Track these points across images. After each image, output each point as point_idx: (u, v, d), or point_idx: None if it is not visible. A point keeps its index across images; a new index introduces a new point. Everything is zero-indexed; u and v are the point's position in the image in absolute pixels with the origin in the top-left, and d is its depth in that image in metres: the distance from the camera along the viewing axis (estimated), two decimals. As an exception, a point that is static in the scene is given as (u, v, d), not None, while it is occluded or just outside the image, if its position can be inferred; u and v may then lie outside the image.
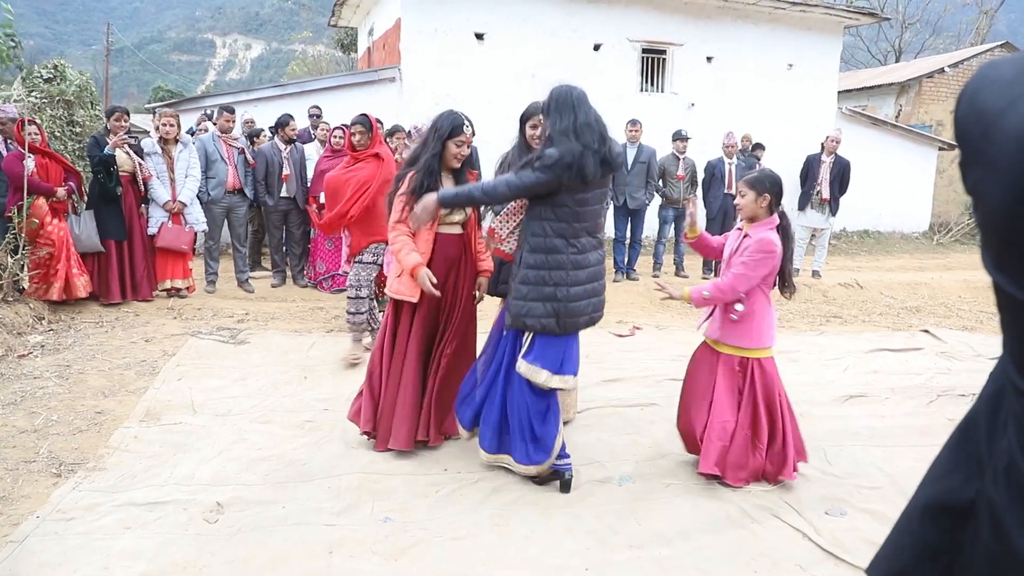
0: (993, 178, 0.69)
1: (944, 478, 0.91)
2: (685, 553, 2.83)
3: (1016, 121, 0.67)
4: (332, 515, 3.01)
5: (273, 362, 5.13)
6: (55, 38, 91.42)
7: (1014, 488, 0.73)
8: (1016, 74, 0.70)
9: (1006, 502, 0.74)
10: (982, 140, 0.71)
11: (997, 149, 0.69)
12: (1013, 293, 0.70)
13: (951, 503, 0.87)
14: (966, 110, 0.75)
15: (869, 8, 17.48)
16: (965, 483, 0.85)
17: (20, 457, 3.41)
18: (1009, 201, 0.67)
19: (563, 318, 3.11)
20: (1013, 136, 0.67)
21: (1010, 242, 0.69)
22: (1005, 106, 0.69)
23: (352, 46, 20.69)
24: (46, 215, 5.92)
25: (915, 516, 0.95)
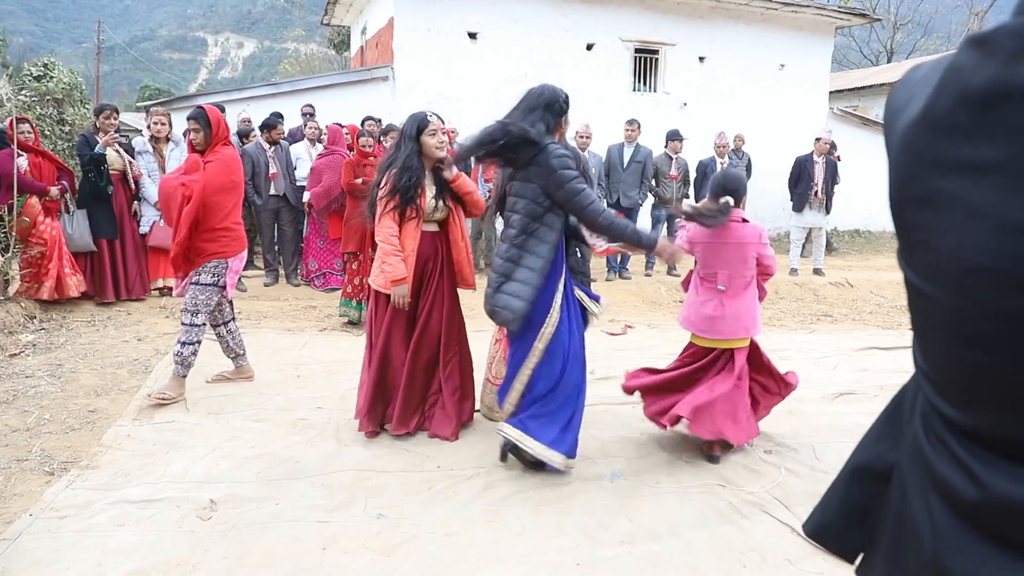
0: (889, 169, 0.76)
1: (873, 444, 0.99)
2: (675, 549, 2.86)
3: (903, 120, 0.73)
4: (325, 512, 3.03)
5: (266, 361, 5.13)
6: (45, 36, 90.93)
7: (915, 454, 0.81)
8: (924, 75, 0.74)
9: (909, 470, 0.82)
10: (888, 136, 0.78)
11: (891, 144, 0.76)
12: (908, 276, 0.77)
13: (875, 467, 0.95)
14: (887, 107, 0.81)
15: (861, 9, 17.55)
16: (889, 451, 0.92)
17: (13, 456, 3.41)
18: (893, 190, 0.75)
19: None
20: (898, 133, 0.73)
21: (899, 227, 0.77)
22: (903, 104, 0.75)
23: (345, 45, 20.67)
24: (39, 214, 5.91)
25: (844, 476, 1.03)
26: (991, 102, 0.63)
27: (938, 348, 0.76)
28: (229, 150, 4.22)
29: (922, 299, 0.75)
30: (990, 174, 0.62)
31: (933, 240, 0.70)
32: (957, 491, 0.73)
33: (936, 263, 0.70)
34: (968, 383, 0.72)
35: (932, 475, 0.77)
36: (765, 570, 2.75)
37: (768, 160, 11.30)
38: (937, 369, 0.77)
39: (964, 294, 0.67)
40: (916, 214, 0.72)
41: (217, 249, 4.12)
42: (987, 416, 0.70)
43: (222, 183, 4.09)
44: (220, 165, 4.09)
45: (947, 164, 0.67)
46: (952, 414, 0.75)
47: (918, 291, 0.75)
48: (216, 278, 4.19)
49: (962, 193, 0.65)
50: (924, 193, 0.70)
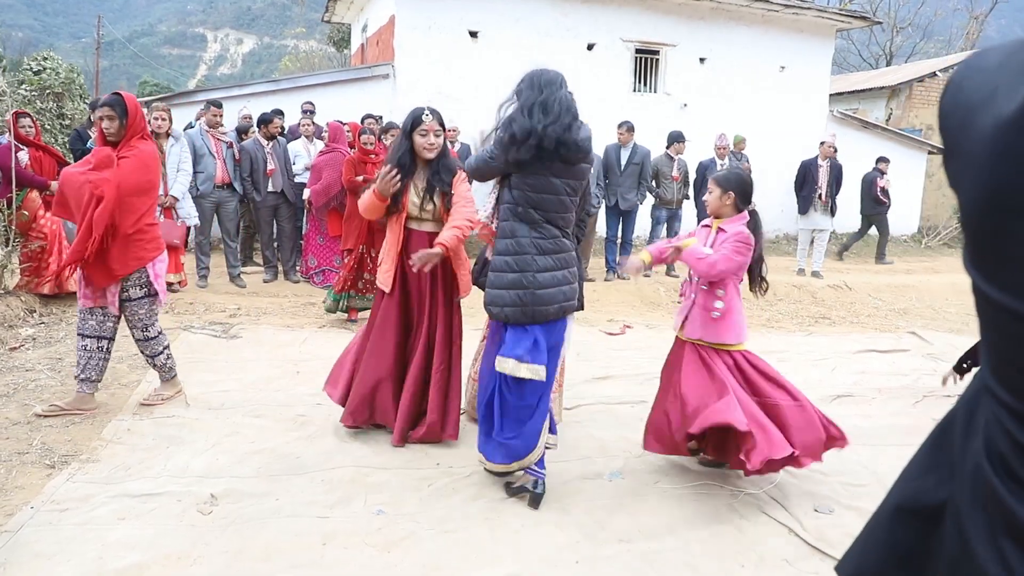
0: (969, 171, 0.67)
1: (918, 479, 0.88)
2: (673, 548, 2.88)
3: (992, 114, 0.64)
4: (325, 507, 3.04)
5: (265, 357, 5.15)
6: (44, 30, 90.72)
7: (978, 492, 0.72)
8: (999, 63, 0.67)
9: (968, 506, 0.73)
10: (960, 133, 0.69)
11: (973, 142, 0.66)
12: (987, 291, 0.68)
13: (923, 505, 0.85)
14: (949, 101, 0.72)
15: (861, 12, 17.58)
16: (938, 485, 0.82)
17: (14, 449, 3.42)
18: (982, 197, 0.65)
19: (530, 306, 2.97)
20: (988, 129, 0.64)
21: (983, 238, 0.67)
22: (984, 97, 0.66)
23: (345, 42, 20.66)
24: (39, 208, 5.91)
25: (886, 517, 0.92)
26: None
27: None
28: (146, 145, 3.76)
29: (1010, 320, 0.65)
30: None
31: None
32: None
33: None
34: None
35: (1005, 516, 0.67)
36: (763, 570, 2.76)
37: (768, 162, 11.33)
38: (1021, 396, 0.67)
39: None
40: (1017, 226, 0.62)
41: (134, 257, 3.75)
42: None
43: (138, 183, 3.67)
44: (136, 163, 3.65)
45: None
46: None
47: (1004, 310, 0.66)
48: (145, 288, 3.86)
49: None
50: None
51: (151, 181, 3.79)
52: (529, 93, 2.95)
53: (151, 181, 3.79)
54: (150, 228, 3.84)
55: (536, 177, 2.95)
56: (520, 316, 2.98)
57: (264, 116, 7.69)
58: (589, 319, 6.95)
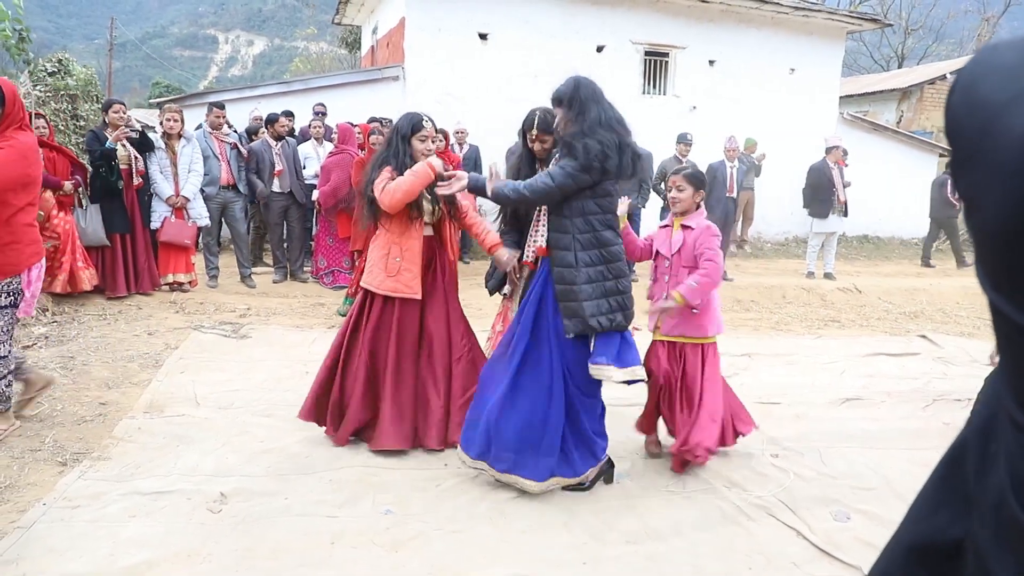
0: (994, 182, 0.59)
1: (930, 516, 0.82)
2: (680, 549, 2.88)
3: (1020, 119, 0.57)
4: (333, 507, 3.06)
5: (275, 356, 5.18)
6: (58, 32, 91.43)
7: (1003, 529, 0.65)
8: (1021, 60, 0.60)
9: (992, 544, 0.67)
10: (981, 137, 0.60)
11: (999, 148, 0.58)
12: (1012, 315, 0.61)
13: (937, 544, 0.79)
14: (961, 102, 0.65)
15: (872, 14, 17.52)
16: (952, 522, 0.76)
17: (26, 446, 3.45)
18: (1012, 209, 0.57)
19: (628, 310, 3.18)
20: (1021, 134, 0.56)
21: (1013, 256, 0.59)
22: (1010, 98, 0.58)
23: (356, 44, 20.73)
24: (52, 208, 5.97)
25: (900, 557, 0.86)
26: None
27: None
28: (25, 136, 3.35)
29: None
30: None
31: None
32: None
33: None
34: None
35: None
36: (770, 572, 2.76)
37: (777, 165, 11.31)
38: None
39: None
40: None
41: (6, 261, 3.32)
42: None
43: (15, 176, 3.26)
44: (13, 154, 3.25)
45: None
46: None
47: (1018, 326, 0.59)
48: (11, 297, 3.40)
49: None
50: None
51: (30, 175, 3.36)
52: (593, 107, 3.12)
53: (30, 175, 3.36)
54: (29, 229, 3.43)
55: (612, 184, 3.16)
56: (622, 321, 3.15)
57: (271, 116, 7.75)
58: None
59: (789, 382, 5.20)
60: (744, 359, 5.65)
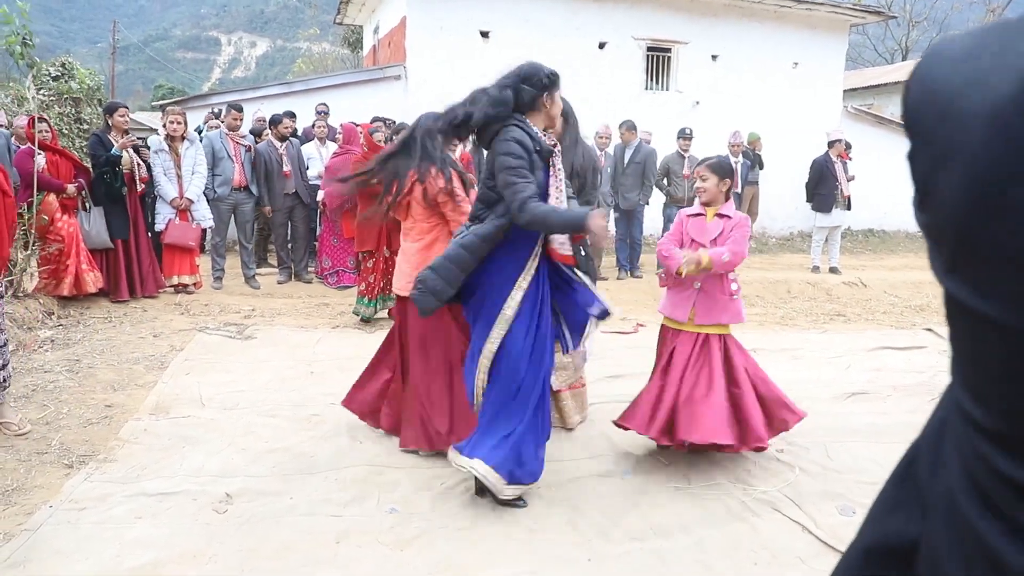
0: (952, 164, 0.59)
1: (886, 518, 0.83)
2: (686, 546, 2.87)
3: (982, 96, 0.57)
4: (339, 506, 3.07)
5: (280, 357, 5.19)
6: (61, 36, 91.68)
7: (953, 530, 0.65)
8: (974, 46, 0.61)
9: (945, 546, 0.66)
10: (938, 122, 0.61)
11: (957, 132, 0.59)
12: (966, 301, 0.61)
13: (893, 545, 0.78)
14: (918, 91, 0.65)
15: (876, 6, 17.46)
16: (908, 523, 0.76)
17: (33, 448, 3.47)
18: (973, 190, 0.57)
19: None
20: (981, 114, 0.57)
21: (967, 239, 0.59)
22: (967, 82, 0.59)
23: (358, 44, 20.74)
24: (56, 211, 5.99)
25: (857, 560, 0.86)
26: None
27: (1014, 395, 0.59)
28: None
29: (993, 331, 0.59)
30: None
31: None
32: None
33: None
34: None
35: (988, 558, 0.60)
36: (776, 568, 2.75)
37: (781, 159, 11.26)
38: (1007, 420, 0.60)
39: None
40: (1010, 227, 0.55)
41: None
42: None
43: None
44: None
45: None
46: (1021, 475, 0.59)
47: (988, 322, 0.59)
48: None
49: None
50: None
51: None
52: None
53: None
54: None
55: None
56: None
57: (274, 117, 7.77)
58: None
59: (794, 377, 5.17)
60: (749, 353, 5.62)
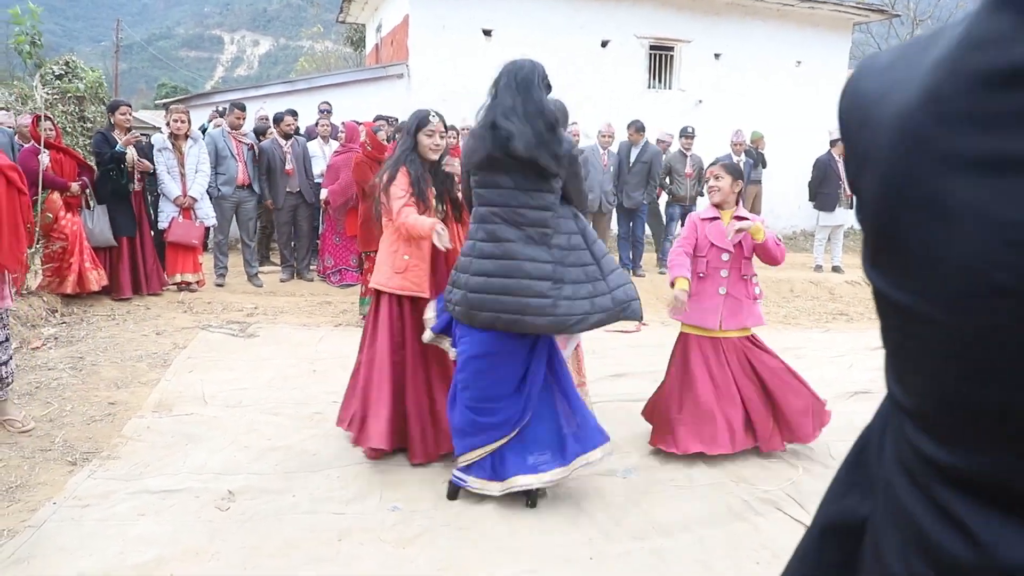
0: (870, 166, 0.65)
1: (840, 499, 0.87)
2: (687, 544, 2.88)
3: (892, 103, 0.63)
4: (341, 504, 3.07)
5: (282, 355, 5.20)
6: (65, 34, 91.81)
7: (889, 509, 0.69)
8: (893, 60, 0.66)
9: (883, 523, 0.70)
10: (860, 128, 0.67)
11: (873, 136, 0.64)
12: (884, 291, 0.65)
13: (847, 523, 0.83)
14: (847, 102, 0.71)
15: (879, 5, 17.40)
16: (860, 503, 0.80)
17: (36, 446, 3.48)
18: (880, 191, 0.63)
19: (464, 307, 2.97)
20: (887, 120, 0.62)
21: (881, 235, 0.64)
22: (882, 92, 0.65)
23: (361, 42, 20.74)
24: (60, 209, 6.00)
25: (815, 538, 0.90)
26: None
27: (929, 378, 0.63)
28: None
29: (909, 319, 0.63)
30: (1018, 171, 0.52)
31: (936, 252, 0.58)
32: (948, 553, 0.61)
33: (939, 279, 0.58)
34: (969, 419, 0.59)
35: (915, 532, 0.65)
36: (777, 567, 2.74)
37: (784, 158, 11.25)
38: (925, 402, 0.64)
39: (975, 316, 0.56)
40: (914, 220, 0.59)
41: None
42: (990, 461, 0.58)
43: None
44: None
45: (961, 160, 0.55)
46: (943, 457, 0.62)
47: (904, 310, 0.63)
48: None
49: (980, 194, 0.54)
50: (928, 195, 0.58)
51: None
52: (505, 97, 3.01)
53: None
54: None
55: (483, 174, 2.97)
56: (458, 314, 3.03)
57: (277, 115, 7.78)
58: (604, 317, 6.94)
59: (797, 376, 5.18)
60: (751, 353, 5.63)
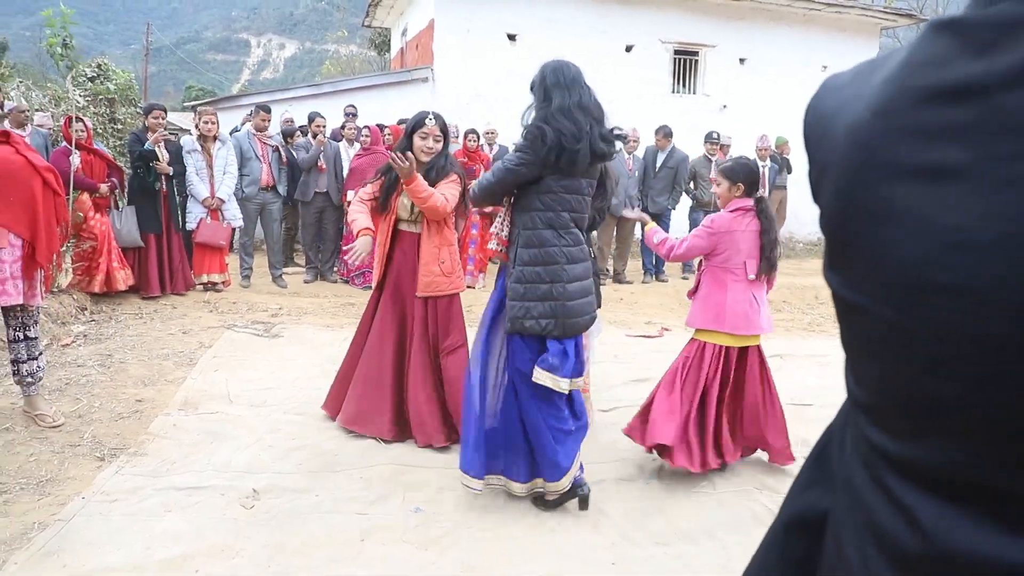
0: (825, 178, 0.70)
1: (802, 493, 0.90)
2: (711, 551, 2.85)
3: (846, 117, 0.68)
4: (364, 504, 3.09)
5: (306, 355, 5.24)
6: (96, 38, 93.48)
7: (848, 500, 0.73)
8: (851, 78, 0.72)
9: (843, 514, 0.74)
10: (819, 141, 0.73)
11: (828, 151, 0.70)
12: (840, 292, 0.70)
13: (808, 516, 0.86)
14: (809, 119, 0.77)
15: (907, 9, 17.20)
16: (821, 497, 0.84)
17: (66, 441, 3.54)
18: (837, 195, 0.68)
19: (562, 318, 2.88)
20: (841, 132, 0.68)
21: (837, 242, 0.69)
22: (839, 107, 0.70)
23: (385, 46, 20.89)
24: (89, 210, 6.11)
25: (779, 531, 0.94)
26: (962, 98, 0.56)
27: (881, 373, 0.67)
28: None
29: (863, 318, 0.68)
30: (955, 180, 0.56)
31: (883, 253, 0.62)
32: (897, 541, 0.64)
33: (885, 279, 0.62)
34: (916, 412, 0.63)
35: (869, 521, 0.68)
36: (802, 575, 2.72)
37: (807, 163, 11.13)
38: (876, 396, 0.68)
39: (919, 314, 0.60)
40: (864, 225, 0.64)
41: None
42: (934, 450, 0.61)
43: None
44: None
45: (904, 169, 0.60)
46: (892, 448, 0.65)
47: (858, 309, 0.68)
48: None
49: (921, 201, 0.58)
50: (875, 201, 0.63)
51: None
52: (562, 93, 2.85)
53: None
54: None
55: (565, 179, 2.86)
56: (553, 328, 2.88)
57: (311, 115, 7.91)
58: (627, 321, 6.92)
59: (822, 384, 5.13)
60: (776, 360, 5.57)
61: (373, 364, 3.80)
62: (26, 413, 3.73)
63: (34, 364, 3.68)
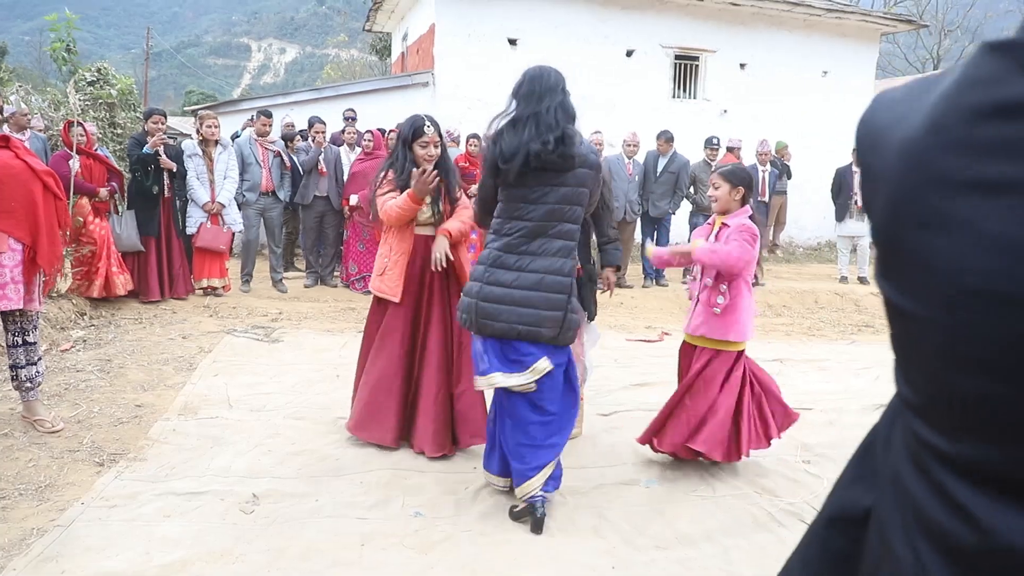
0: (879, 188, 0.73)
1: (845, 491, 0.94)
2: (711, 555, 2.85)
3: (900, 132, 0.71)
4: (364, 509, 3.08)
5: (306, 360, 5.23)
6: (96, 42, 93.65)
7: (895, 496, 0.75)
8: (904, 94, 0.75)
9: (889, 511, 0.77)
10: (872, 154, 0.76)
11: (882, 161, 0.73)
12: (893, 299, 0.74)
13: (850, 513, 0.90)
14: (862, 130, 0.80)
15: (907, 15, 17.23)
16: (864, 494, 0.87)
17: (65, 446, 3.53)
18: (889, 205, 0.71)
19: (474, 314, 2.89)
20: (895, 146, 0.71)
21: (890, 251, 0.73)
22: (893, 122, 0.73)
23: (386, 51, 20.93)
24: (89, 214, 6.11)
25: (821, 527, 0.97)
26: (1015, 115, 0.59)
27: (929, 374, 0.70)
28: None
29: (913, 323, 0.72)
30: (1008, 193, 0.59)
31: (934, 262, 0.65)
32: (951, 536, 0.65)
33: (935, 286, 0.65)
34: (963, 410, 0.65)
35: (920, 516, 0.70)
36: (803, 580, 2.72)
37: (810, 169, 11.16)
38: (927, 396, 0.71)
39: (968, 317, 0.62)
40: (916, 235, 0.67)
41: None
42: (985, 448, 0.63)
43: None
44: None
45: (956, 182, 0.63)
46: (944, 446, 0.68)
47: (907, 314, 0.72)
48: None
49: (973, 213, 0.61)
50: (927, 213, 0.66)
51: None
52: (526, 103, 2.90)
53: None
54: None
55: (510, 187, 2.88)
56: (469, 323, 2.95)
57: (311, 120, 7.93)
58: (627, 326, 6.92)
59: (822, 388, 5.13)
60: (776, 364, 5.57)
61: (384, 369, 3.70)
62: (25, 418, 3.72)
63: (33, 369, 3.68)
